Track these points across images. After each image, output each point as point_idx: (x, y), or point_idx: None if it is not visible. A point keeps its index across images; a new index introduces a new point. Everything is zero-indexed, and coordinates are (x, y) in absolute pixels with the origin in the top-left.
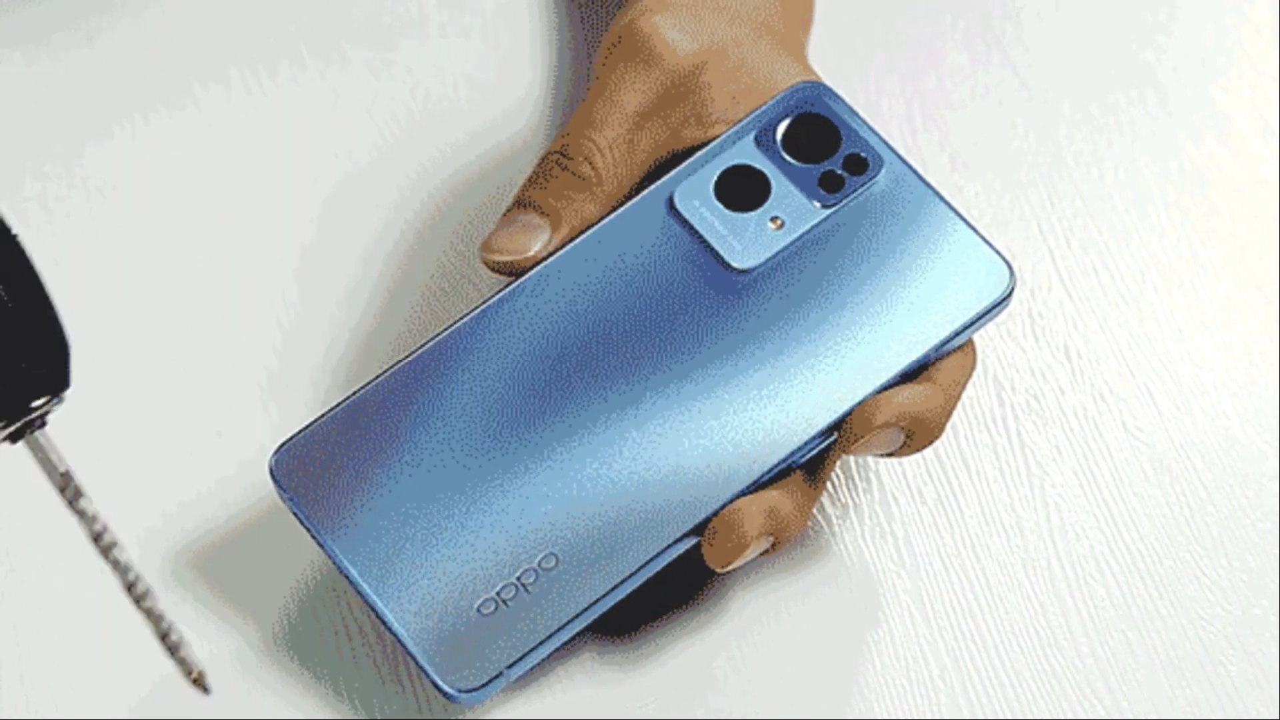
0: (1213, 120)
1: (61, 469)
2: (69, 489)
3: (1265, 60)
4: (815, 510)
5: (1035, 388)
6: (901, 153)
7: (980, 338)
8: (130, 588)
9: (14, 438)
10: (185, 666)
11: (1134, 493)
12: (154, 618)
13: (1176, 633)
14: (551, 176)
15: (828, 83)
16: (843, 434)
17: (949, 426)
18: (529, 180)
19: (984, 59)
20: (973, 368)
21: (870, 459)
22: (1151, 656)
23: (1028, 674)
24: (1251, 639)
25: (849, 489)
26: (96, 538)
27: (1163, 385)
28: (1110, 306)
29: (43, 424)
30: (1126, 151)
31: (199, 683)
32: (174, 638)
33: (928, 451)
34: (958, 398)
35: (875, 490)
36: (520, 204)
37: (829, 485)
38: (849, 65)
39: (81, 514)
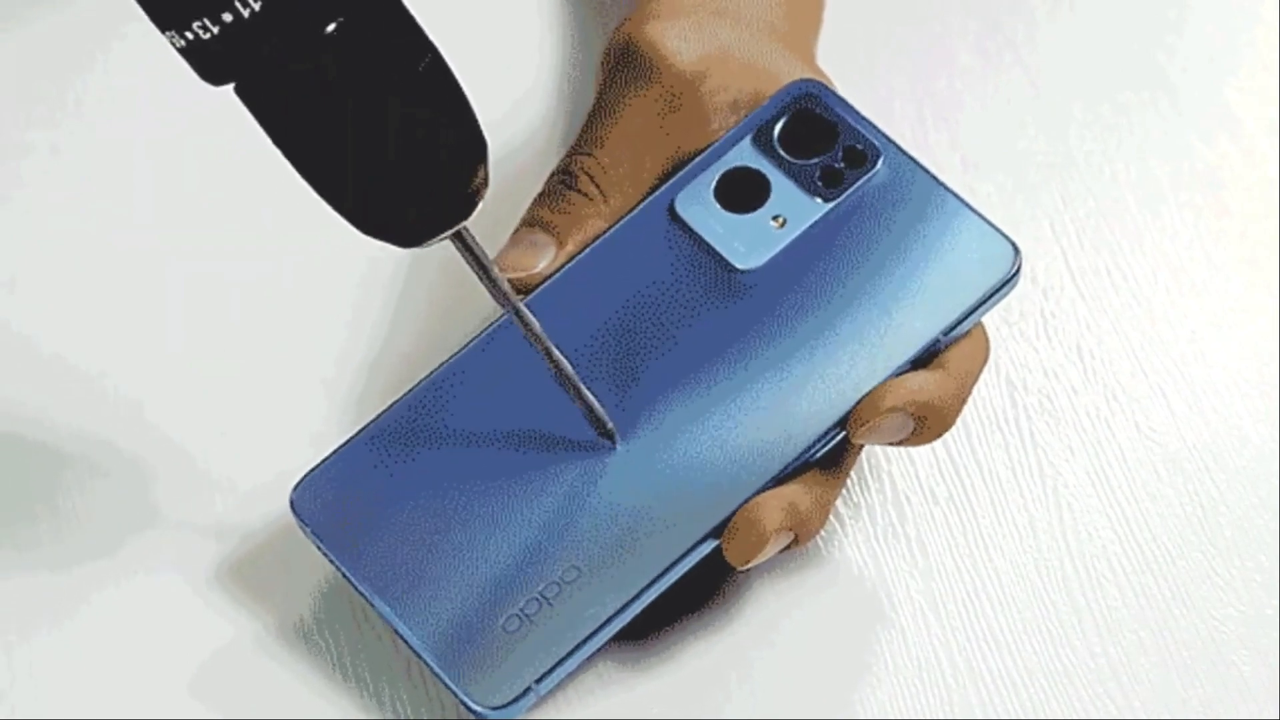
0: (1224, 120)
1: (486, 261)
2: (497, 280)
3: (1276, 60)
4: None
5: (1048, 388)
6: (900, 143)
7: (993, 338)
8: (555, 365)
9: (456, 235)
10: (599, 421)
11: (1146, 493)
12: (572, 386)
13: (1189, 632)
14: (557, 195)
15: (839, 85)
16: (852, 421)
17: (962, 426)
18: (536, 199)
19: (995, 59)
20: (985, 356)
21: (884, 457)
22: (1164, 656)
23: (1040, 674)
24: (1264, 639)
25: (861, 489)
26: (522, 320)
27: (1175, 385)
28: (1122, 307)
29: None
30: (1138, 152)
31: (609, 435)
32: (587, 399)
33: (940, 451)
34: (970, 386)
35: (888, 490)
36: (527, 223)
37: None
38: (860, 66)
39: (505, 299)
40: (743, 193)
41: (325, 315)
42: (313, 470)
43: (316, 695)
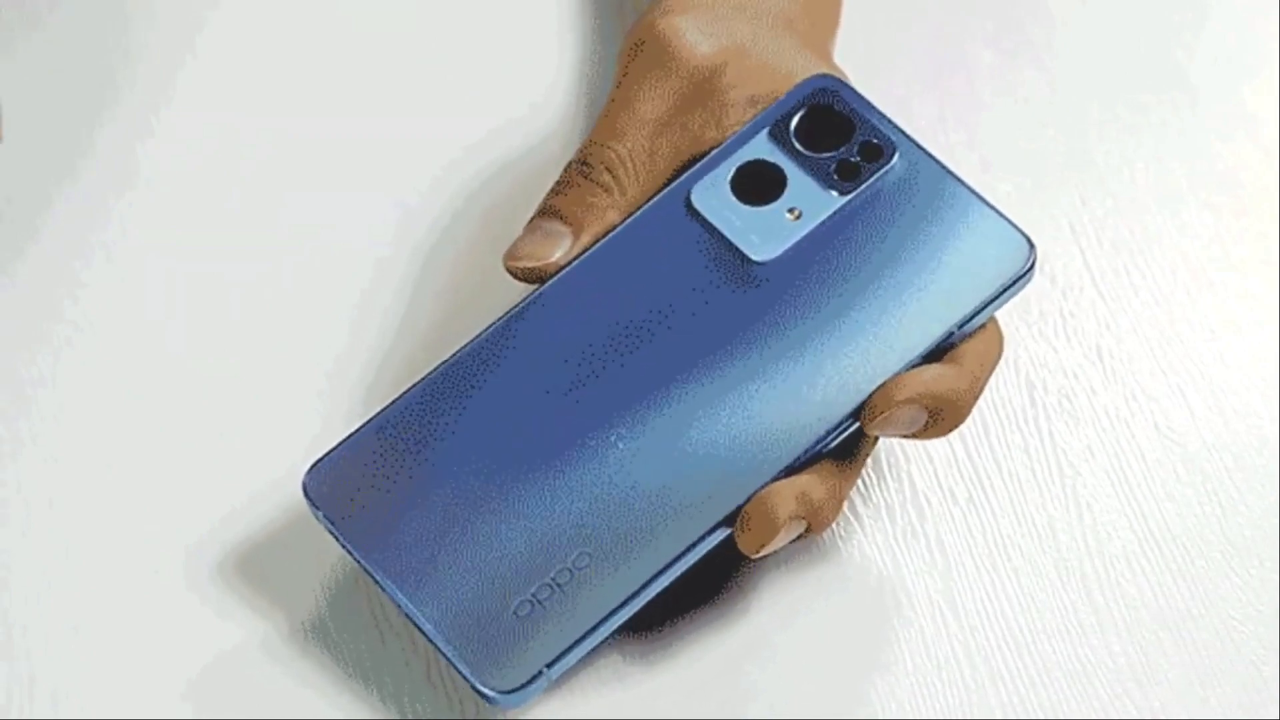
0: (1242, 121)
1: None
2: None
3: None
4: (847, 510)
5: (1067, 387)
6: (916, 137)
7: (1012, 337)
8: None
9: None
10: None
11: (1166, 493)
12: None
13: (1209, 632)
14: (573, 185)
15: (857, 83)
16: (865, 412)
17: (981, 425)
18: (552, 189)
19: (1013, 60)
20: (999, 351)
21: (903, 456)
22: (1184, 656)
23: (1059, 674)
24: None
25: (881, 489)
26: None
27: (1194, 385)
28: (1142, 306)
29: None
30: (1156, 152)
31: None
32: None
33: (959, 451)
34: (984, 380)
35: (907, 490)
36: (543, 212)
37: (860, 485)
38: (878, 65)
39: None
40: (759, 185)
41: (328, 315)
42: (326, 455)
43: (325, 698)
